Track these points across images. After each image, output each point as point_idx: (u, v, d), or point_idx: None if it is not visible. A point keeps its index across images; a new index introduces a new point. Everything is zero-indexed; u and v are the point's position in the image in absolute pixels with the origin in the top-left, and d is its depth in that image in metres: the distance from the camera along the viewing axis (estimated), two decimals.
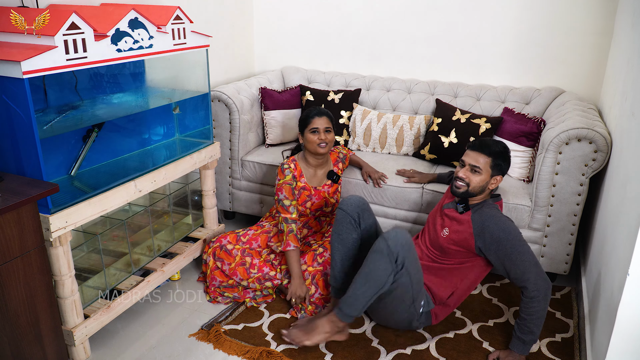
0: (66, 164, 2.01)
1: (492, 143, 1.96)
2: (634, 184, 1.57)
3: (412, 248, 1.85)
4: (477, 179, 1.93)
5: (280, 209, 2.27)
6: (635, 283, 1.42)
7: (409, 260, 1.83)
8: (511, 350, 1.90)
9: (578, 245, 2.61)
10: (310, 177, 2.37)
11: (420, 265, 1.93)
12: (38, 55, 1.52)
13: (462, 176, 1.95)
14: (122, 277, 2.16)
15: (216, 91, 2.77)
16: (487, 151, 1.93)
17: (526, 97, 2.79)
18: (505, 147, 1.97)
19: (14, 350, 1.53)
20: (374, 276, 1.83)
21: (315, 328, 1.93)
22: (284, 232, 2.23)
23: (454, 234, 1.98)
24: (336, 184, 2.43)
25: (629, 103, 1.85)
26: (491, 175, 1.94)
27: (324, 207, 2.40)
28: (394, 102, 3.07)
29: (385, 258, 1.81)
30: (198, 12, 2.90)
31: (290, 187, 2.28)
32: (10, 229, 1.46)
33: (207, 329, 2.11)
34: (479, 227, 1.92)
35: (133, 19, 1.85)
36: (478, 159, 1.93)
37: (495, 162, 1.93)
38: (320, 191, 2.37)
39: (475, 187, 1.94)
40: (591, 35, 2.70)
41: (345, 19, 3.26)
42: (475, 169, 1.93)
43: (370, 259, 1.85)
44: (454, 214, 2.01)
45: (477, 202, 1.99)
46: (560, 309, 2.25)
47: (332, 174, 2.39)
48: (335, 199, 2.43)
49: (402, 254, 1.81)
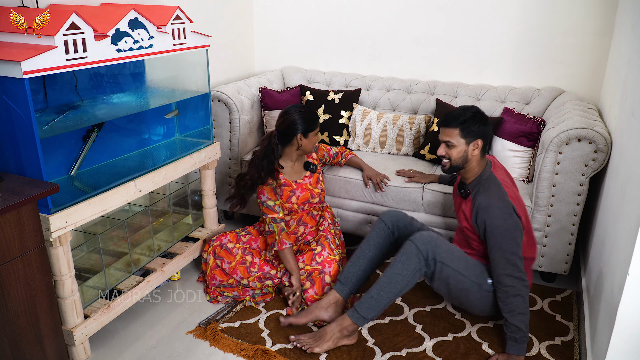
0: (66, 164, 2.01)
1: (458, 113, 1.95)
2: (634, 184, 1.57)
3: (440, 242, 1.95)
4: (454, 152, 1.95)
5: (267, 211, 2.27)
6: (635, 283, 1.42)
7: (439, 254, 1.92)
8: (509, 353, 1.91)
9: (578, 245, 2.61)
10: (289, 172, 2.37)
11: (460, 253, 1.98)
12: (38, 55, 1.52)
13: (441, 154, 1.99)
14: (122, 277, 2.16)
15: (216, 91, 2.77)
16: (453, 123, 1.94)
17: (526, 97, 2.79)
18: (473, 111, 1.95)
19: (14, 350, 1.53)
20: (400, 277, 1.91)
21: (324, 334, 1.95)
22: (275, 232, 2.24)
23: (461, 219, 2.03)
24: (316, 174, 2.42)
25: (629, 103, 1.85)
26: (467, 143, 1.93)
27: (311, 199, 2.39)
28: (394, 102, 3.07)
29: (414, 258, 1.90)
30: (198, 12, 2.90)
31: (271, 187, 2.28)
32: (10, 229, 1.46)
33: (204, 326, 2.12)
34: (475, 209, 1.95)
35: (133, 19, 1.85)
36: (448, 133, 1.95)
37: (465, 130, 1.92)
38: (302, 184, 2.37)
39: (457, 160, 1.96)
40: (591, 35, 2.70)
41: (345, 19, 3.26)
42: (449, 144, 1.95)
43: (398, 260, 1.93)
44: (462, 202, 2.05)
45: (472, 180, 2.00)
46: (560, 311, 2.24)
47: (308, 164, 2.40)
48: (319, 188, 2.42)
49: (431, 250, 1.91)
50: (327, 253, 2.22)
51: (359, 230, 2.72)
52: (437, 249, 1.92)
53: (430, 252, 1.91)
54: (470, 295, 1.99)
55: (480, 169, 2.00)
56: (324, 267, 2.19)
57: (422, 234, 1.95)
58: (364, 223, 2.69)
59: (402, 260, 1.92)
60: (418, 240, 1.93)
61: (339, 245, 2.36)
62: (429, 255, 1.91)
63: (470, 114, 1.93)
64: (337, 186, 2.66)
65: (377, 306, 1.92)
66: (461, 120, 1.93)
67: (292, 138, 2.27)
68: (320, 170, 2.46)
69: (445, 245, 1.96)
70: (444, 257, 1.93)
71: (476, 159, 1.97)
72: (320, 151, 2.53)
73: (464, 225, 2.02)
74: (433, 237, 1.95)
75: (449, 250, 1.95)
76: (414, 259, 1.91)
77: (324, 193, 2.45)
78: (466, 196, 2.01)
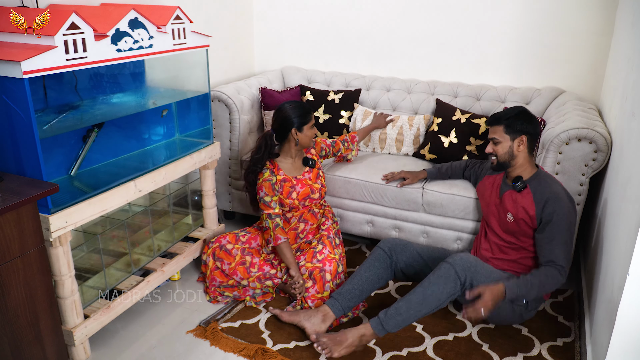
0: (66, 164, 2.01)
1: (504, 111, 2.06)
2: (634, 184, 1.57)
3: (479, 267, 1.92)
4: (500, 149, 2.04)
5: (263, 207, 2.29)
6: (635, 283, 1.42)
7: (477, 279, 1.90)
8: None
9: (578, 245, 2.61)
10: (289, 168, 2.37)
11: (497, 275, 1.96)
12: (38, 55, 1.52)
13: (489, 151, 2.09)
14: (122, 277, 2.16)
15: (216, 91, 2.77)
16: (497, 121, 2.05)
17: (526, 97, 2.79)
18: (517, 109, 2.04)
19: (14, 350, 1.53)
20: (434, 299, 1.87)
21: (343, 340, 1.91)
22: (270, 228, 2.25)
23: (519, 212, 2.02)
24: (315, 169, 2.43)
25: (629, 103, 1.85)
26: (512, 139, 2.01)
27: (311, 194, 2.39)
28: (394, 102, 3.07)
29: (451, 283, 1.88)
30: (198, 12, 2.90)
31: (270, 183, 2.29)
32: (10, 229, 1.46)
33: (205, 325, 2.12)
34: (540, 197, 1.97)
35: (133, 19, 1.85)
36: (494, 130, 2.06)
37: (509, 126, 2.01)
38: (301, 179, 2.38)
39: (503, 156, 2.05)
40: (591, 35, 2.70)
41: (345, 19, 3.26)
42: (495, 141, 2.05)
43: (434, 282, 1.90)
44: (514, 195, 2.05)
45: (530, 177, 2.04)
46: (562, 312, 2.24)
47: (307, 160, 2.40)
48: (319, 183, 2.43)
49: (469, 277, 1.89)
50: (328, 251, 2.23)
51: (358, 230, 2.72)
52: (475, 275, 1.90)
53: (468, 277, 1.89)
54: (501, 312, 1.99)
55: (533, 169, 2.06)
56: (324, 266, 2.19)
57: (462, 258, 1.91)
58: (364, 223, 2.69)
59: (439, 282, 1.88)
60: (458, 264, 1.89)
61: (339, 245, 2.36)
62: (466, 281, 1.89)
63: (515, 112, 2.02)
64: (337, 186, 2.66)
65: (403, 323, 1.89)
66: (504, 117, 2.03)
67: (288, 134, 2.29)
68: (320, 166, 2.47)
69: (483, 269, 1.93)
70: (481, 282, 1.90)
71: (523, 155, 2.03)
72: (318, 146, 2.54)
73: (522, 217, 2.01)
74: (471, 262, 1.92)
75: (487, 275, 1.93)
76: (450, 284, 1.88)
77: (324, 188, 2.46)
78: (522, 189, 2.02)
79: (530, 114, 2.05)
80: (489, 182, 2.23)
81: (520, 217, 2.02)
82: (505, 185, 2.11)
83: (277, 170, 2.34)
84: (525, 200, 2.00)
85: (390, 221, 2.62)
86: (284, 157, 2.37)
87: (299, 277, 2.19)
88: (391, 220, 2.62)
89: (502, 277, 1.96)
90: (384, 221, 2.63)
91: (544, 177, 2.02)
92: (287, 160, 2.37)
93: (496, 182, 2.19)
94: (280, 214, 2.29)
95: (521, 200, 2.02)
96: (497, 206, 2.13)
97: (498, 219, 2.13)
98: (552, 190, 1.96)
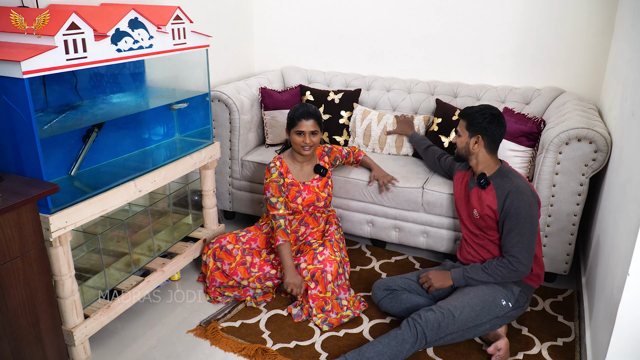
0: (66, 164, 2.01)
1: (473, 107, 2.07)
2: (634, 184, 1.57)
3: (443, 322, 1.88)
4: (459, 141, 2.10)
5: (269, 207, 2.30)
6: (635, 283, 1.42)
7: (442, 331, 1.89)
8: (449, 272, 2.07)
9: (578, 245, 2.61)
10: (297, 173, 2.38)
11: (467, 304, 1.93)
12: (38, 55, 1.52)
13: (453, 141, 2.17)
14: (122, 277, 2.16)
15: (216, 91, 2.77)
16: (463, 115, 2.09)
17: (526, 97, 2.79)
18: (487, 109, 2.03)
19: (14, 350, 1.53)
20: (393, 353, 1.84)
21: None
22: (274, 229, 2.26)
23: (484, 209, 2.04)
24: (325, 178, 2.43)
25: (629, 103, 1.85)
26: (469, 136, 2.05)
27: (316, 202, 2.39)
28: (394, 102, 3.07)
29: (419, 343, 1.86)
30: (198, 12, 2.90)
31: (277, 184, 2.29)
32: (10, 229, 1.46)
33: (205, 325, 2.12)
34: (501, 192, 1.99)
35: (133, 19, 1.85)
36: (459, 123, 2.11)
37: (470, 123, 2.04)
38: (309, 186, 2.38)
39: (460, 149, 2.11)
40: (591, 35, 2.70)
41: (345, 19, 3.26)
42: (457, 132, 2.12)
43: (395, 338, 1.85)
44: (479, 192, 2.07)
45: (493, 173, 2.06)
46: (562, 312, 2.24)
47: (319, 168, 2.40)
48: (326, 192, 2.42)
49: (430, 336, 1.87)
50: (329, 253, 2.22)
51: (358, 230, 2.72)
52: (438, 332, 1.88)
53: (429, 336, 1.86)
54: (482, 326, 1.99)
55: (496, 165, 2.07)
56: (325, 267, 2.18)
57: (429, 319, 1.87)
58: (364, 223, 2.69)
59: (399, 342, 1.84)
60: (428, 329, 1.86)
61: (342, 249, 2.36)
62: (427, 340, 1.87)
63: (477, 109, 2.04)
64: (337, 186, 2.66)
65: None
66: (468, 112, 2.06)
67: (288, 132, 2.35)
68: (330, 175, 2.46)
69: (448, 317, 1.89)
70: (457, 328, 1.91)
71: (482, 154, 2.05)
72: (333, 154, 2.53)
73: (486, 213, 2.03)
74: (437, 320, 1.87)
75: (462, 320, 1.91)
76: (419, 344, 1.86)
77: (330, 198, 2.45)
78: (486, 185, 2.04)
79: (498, 116, 2.01)
80: (459, 178, 2.26)
81: (484, 213, 2.05)
82: (472, 182, 2.15)
83: (286, 173, 2.34)
84: (489, 197, 2.03)
85: (390, 221, 2.62)
86: (291, 159, 2.38)
87: (288, 285, 2.17)
88: (391, 220, 2.62)
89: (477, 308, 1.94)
90: (384, 221, 2.63)
91: (506, 172, 2.04)
92: (295, 164, 2.38)
93: (465, 178, 2.22)
94: (285, 215, 2.29)
95: (485, 197, 2.04)
96: (466, 202, 2.18)
97: (467, 214, 2.17)
98: (514, 184, 1.98)
